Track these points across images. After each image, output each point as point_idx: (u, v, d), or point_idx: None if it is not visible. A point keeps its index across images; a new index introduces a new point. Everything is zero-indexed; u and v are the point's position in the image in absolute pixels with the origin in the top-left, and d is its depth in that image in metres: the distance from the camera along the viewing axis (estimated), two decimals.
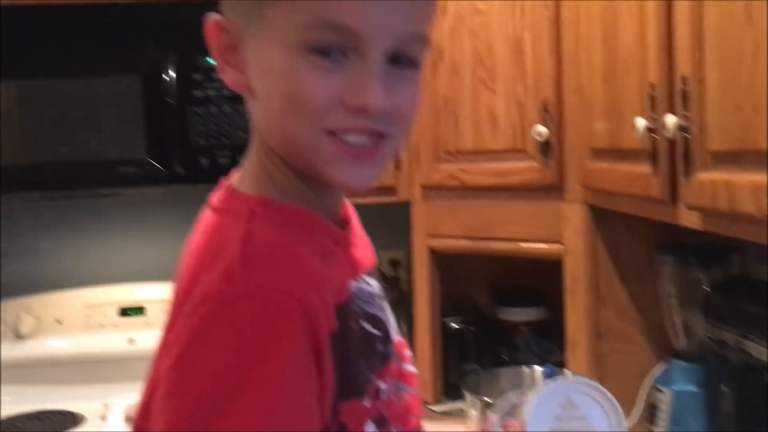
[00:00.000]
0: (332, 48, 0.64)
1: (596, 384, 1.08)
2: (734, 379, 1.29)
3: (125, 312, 2.02)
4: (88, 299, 2.02)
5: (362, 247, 0.82)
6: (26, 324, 1.94)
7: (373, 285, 0.79)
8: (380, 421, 0.72)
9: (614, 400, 1.05)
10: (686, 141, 1.05)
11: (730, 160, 0.95)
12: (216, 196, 0.75)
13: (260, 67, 0.67)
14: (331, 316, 0.66)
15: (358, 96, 0.64)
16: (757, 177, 0.88)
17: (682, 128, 1.05)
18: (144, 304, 2.03)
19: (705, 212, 1.04)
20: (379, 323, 0.76)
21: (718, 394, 1.35)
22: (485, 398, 1.50)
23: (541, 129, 1.55)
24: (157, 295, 2.01)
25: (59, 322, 1.99)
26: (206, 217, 0.74)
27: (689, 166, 1.05)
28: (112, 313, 2.01)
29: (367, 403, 0.71)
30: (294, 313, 0.62)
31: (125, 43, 1.80)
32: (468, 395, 1.57)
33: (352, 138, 0.66)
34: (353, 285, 0.74)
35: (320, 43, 0.64)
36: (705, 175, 1.01)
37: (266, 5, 0.65)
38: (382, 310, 0.79)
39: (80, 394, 1.91)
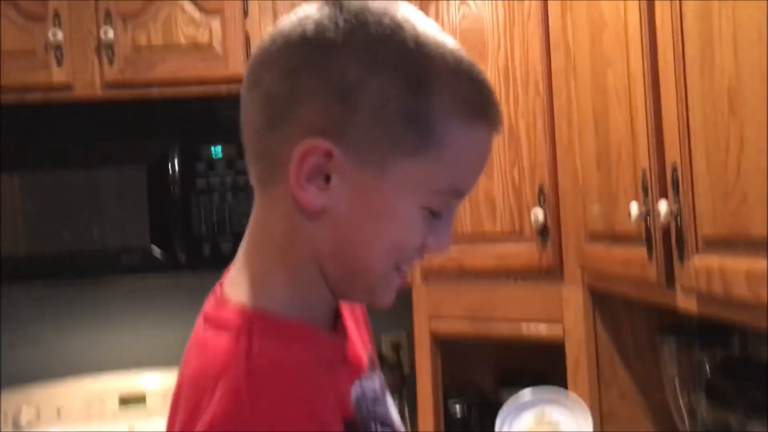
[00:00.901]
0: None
1: (565, 391, 1.07)
2: None
3: (125, 401, 2.00)
4: (89, 389, 2.01)
5: (358, 340, 0.82)
6: (25, 415, 1.92)
7: (375, 379, 0.79)
8: None
9: (584, 404, 1.04)
10: (679, 226, 1.07)
11: (723, 245, 0.97)
12: (210, 306, 0.73)
13: (364, 203, 0.67)
14: (341, 428, 0.66)
15: (440, 242, 0.71)
16: (751, 263, 0.90)
17: (674, 214, 1.07)
18: (145, 393, 2.01)
19: (701, 296, 1.05)
20: (386, 422, 0.76)
21: None
22: None
23: (538, 212, 1.58)
24: (158, 384, 2.00)
25: (59, 412, 1.97)
26: (202, 330, 0.71)
27: (683, 251, 1.06)
28: (113, 402, 2.00)
29: None
30: (310, 430, 0.62)
31: (130, 136, 1.85)
32: None
33: (407, 267, 0.73)
34: (357, 387, 0.74)
35: (442, 207, 0.70)
36: (699, 260, 1.03)
37: (392, 163, 0.66)
38: (386, 405, 0.79)
39: None
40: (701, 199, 1.02)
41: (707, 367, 1.43)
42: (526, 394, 1.07)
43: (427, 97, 0.66)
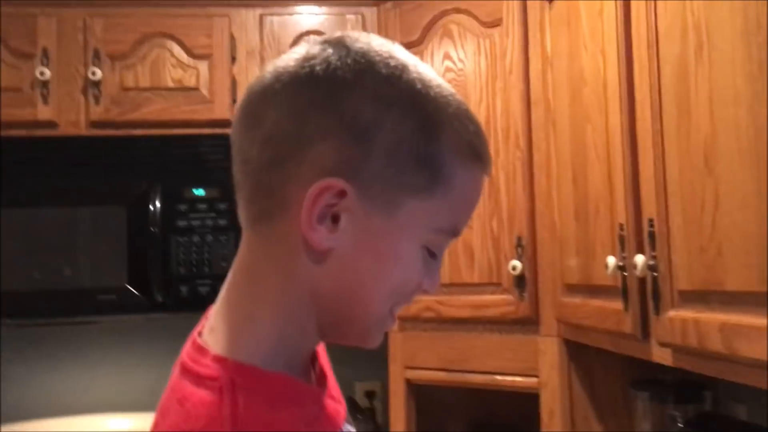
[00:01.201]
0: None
1: None
2: None
3: None
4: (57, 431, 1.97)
5: (335, 386, 0.81)
6: None
7: (352, 427, 0.78)
8: None
9: None
10: (655, 279, 1.09)
11: (698, 299, 0.99)
12: (188, 354, 0.70)
13: (371, 244, 0.67)
14: None
15: (434, 282, 0.71)
16: (725, 316, 0.92)
17: (650, 267, 1.10)
18: None
19: (676, 349, 1.07)
20: None
21: None
22: None
23: (516, 263, 1.60)
24: (129, 427, 1.96)
25: None
26: (180, 382, 0.68)
27: (659, 303, 1.09)
28: None
29: None
30: None
31: (113, 175, 1.85)
32: None
33: (400, 309, 0.73)
34: None
35: (440, 246, 0.70)
36: (675, 313, 1.05)
37: (401, 203, 0.66)
38: None
39: None
40: (677, 254, 1.04)
41: (679, 422, 1.44)
42: None
43: (437, 139, 0.66)
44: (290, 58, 0.68)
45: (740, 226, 0.88)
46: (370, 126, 0.65)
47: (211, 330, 0.70)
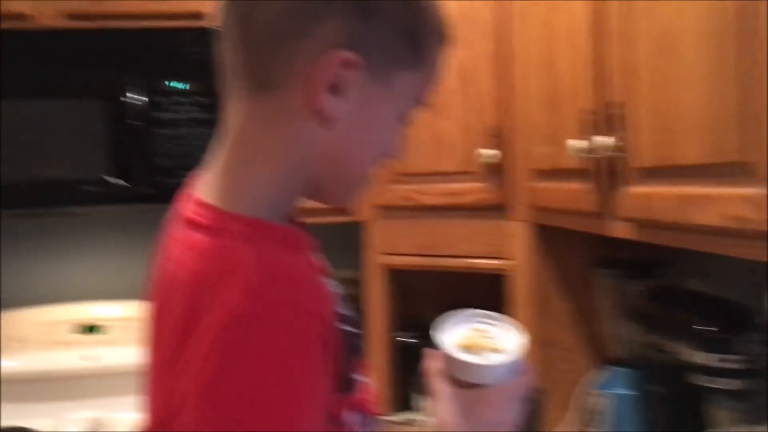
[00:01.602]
0: None
1: (501, 315, 1.13)
2: (665, 379, 1.41)
3: (83, 330, 2.05)
4: (45, 317, 2.05)
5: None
6: None
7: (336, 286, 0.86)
8: (359, 413, 0.80)
9: (517, 323, 1.08)
10: (619, 159, 1.16)
11: (659, 174, 1.07)
12: (190, 211, 0.75)
13: (369, 112, 0.76)
14: (335, 325, 0.72)
15: (402, 151, 0.82)
16: (681, 188, 1.00)
17: (616, 148, 1.16)
18: (101, 322, 2.06)
19: (638, 223, 1.15)
20: (355, 322, 0.81)
21: (651, 395, 1.46)
22: None
23: (490, 151, 1.67)
24: (115, 314, 2.05)
25: (15, 340, 2.01)
26: (190, 235, 0.73)
27: (624, 181, 1.16)
28: (69, 330, 2.04)
29: (351, 396, 0.78)
30: (319, 328, 0.68)
31: (91, 68, 1.86)
32: (422, 399, 1.65)
33: (376, 172, 0.82)
34: (330, 286, 0.79)
35: (412, 115, 0.80)
36: (638, 189, 1.12)
37: (396, 76, 0.76)
38: (351, 309, 0.86)
39: (36, 412, 1.93)
40: (641, 133, 1.11)
41: (638, 296, 1.56)
42: (464, 311, 1.15)
43: (423, 18, 0.77)
44: None
45: (697, 103, 0.94)
46: (376, 5, 0.73)
47: (212, 189, 0.76)
